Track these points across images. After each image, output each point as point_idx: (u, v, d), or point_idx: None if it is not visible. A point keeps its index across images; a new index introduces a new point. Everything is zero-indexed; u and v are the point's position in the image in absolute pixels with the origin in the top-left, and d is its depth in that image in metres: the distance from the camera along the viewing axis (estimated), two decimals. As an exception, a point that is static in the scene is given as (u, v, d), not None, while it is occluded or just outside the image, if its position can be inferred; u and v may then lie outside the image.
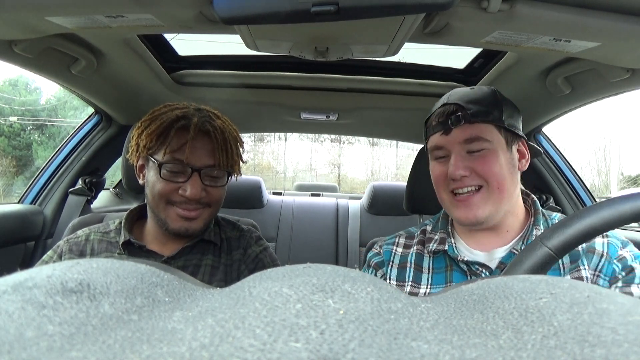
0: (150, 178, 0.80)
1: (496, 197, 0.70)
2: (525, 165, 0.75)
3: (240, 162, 0.86)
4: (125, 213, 0.87)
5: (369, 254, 0.85)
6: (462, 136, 0.71)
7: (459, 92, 0.75)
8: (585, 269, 0.68)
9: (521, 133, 0.74)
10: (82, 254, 0.82)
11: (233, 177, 0.86)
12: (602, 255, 0.68)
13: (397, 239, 0.84)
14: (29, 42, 0.90)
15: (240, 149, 0.86)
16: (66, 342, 0.14)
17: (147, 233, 0.85)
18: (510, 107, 0.74)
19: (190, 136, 0.76)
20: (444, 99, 0.76)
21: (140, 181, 0.84)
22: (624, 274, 0.66)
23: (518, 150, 0.74)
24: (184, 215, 0.78)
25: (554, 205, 1.55)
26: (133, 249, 0.82)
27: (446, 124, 0.72)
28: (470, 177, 0.70)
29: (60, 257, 0.82)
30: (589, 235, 0.44)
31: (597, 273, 0.67)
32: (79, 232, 0.86)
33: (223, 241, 0.89)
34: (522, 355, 0.14)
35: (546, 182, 1.56)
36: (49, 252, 0.83)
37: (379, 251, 0.83)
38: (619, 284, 0.66)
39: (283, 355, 0.13)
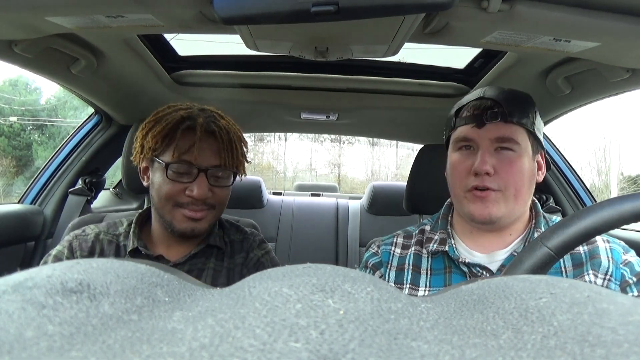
0: (156, 179, 0.80)
1: (511, 203, 0.69)
2: (541, 177, 0.75)
3: (245, 162, 0.87)
4: (132, 214, 0.87)
5: (366, 255, 0.84)
6: (495, 133, 0.69)
7: (495, 89, 0.73)
8: (589, 274, 0.67)
9: (543, 144, 0.73)
10: (91, 253, 0.82)
11: (238, 177, 0.86)
12: (608, 260, 0.68)
13: (394, 239, 0.83)
14: (29, 42, 0.89)
15: (245, 149, 0.87)
16: (66, 342, 0.14)
17: (153, 236, 0.86)
18: (539, 116, 0.73)
19: (197, 137, 0.76)
20: (479, 93, 0.74)
21: (145, 183, 0.84)
22: (635, 279, 0.66)
23: (537, 161, 0.74)
24: (190, 216, 0.79)
25: (554, 205, 1.55)
26: (140, 257, 0.81)
27: (481, 117, 0.70)
28: (492, 178, 0.69)
29: (72, 253, 0.81)
30: (589, 235, 0.44)
31: (608, 277, 0.67)
32: (87, 230, 0.85)
33: (227, 245, 0.89)
34: (522, 355, 0.14)
35: (546, 182, 1.55)
36: (58, 247, 0.83)
37: (377, 251, 0.82)
38: (634, 290, 0.66)
39: (283, 355, 0.13)
